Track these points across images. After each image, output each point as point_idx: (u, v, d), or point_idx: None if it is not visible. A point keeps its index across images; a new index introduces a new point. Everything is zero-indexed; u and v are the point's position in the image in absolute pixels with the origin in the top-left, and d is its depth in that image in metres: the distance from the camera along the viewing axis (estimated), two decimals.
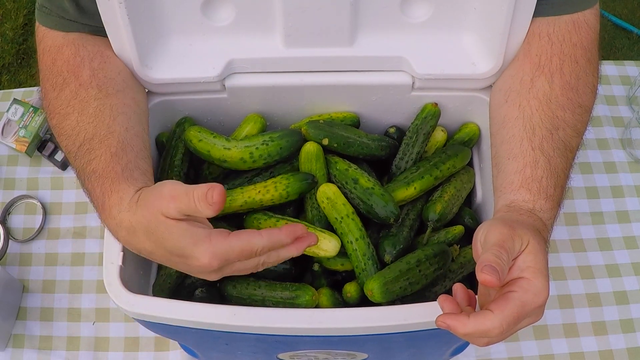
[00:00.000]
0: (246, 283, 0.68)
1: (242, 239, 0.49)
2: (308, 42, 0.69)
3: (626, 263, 0.95)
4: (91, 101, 0.62)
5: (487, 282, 0.46)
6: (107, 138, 0.60)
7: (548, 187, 0.59)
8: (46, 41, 0.66)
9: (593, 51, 0.66)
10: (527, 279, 0.49)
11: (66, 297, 0.92)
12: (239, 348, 0.70)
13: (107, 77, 0.64)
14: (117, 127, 0.61)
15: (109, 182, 0.57)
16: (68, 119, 0.62)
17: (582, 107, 0.64)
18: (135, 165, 0.59)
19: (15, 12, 2.00)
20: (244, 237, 0.49)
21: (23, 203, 1.00)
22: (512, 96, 0.65)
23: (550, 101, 0.63)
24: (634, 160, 1.03)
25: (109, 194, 0.56)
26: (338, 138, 0.74)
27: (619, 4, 2.09)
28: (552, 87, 0.63)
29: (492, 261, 0.47)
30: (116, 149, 0.59)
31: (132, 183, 0.57)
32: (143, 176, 0.58)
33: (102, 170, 0.58)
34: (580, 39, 0.64)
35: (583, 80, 0.64)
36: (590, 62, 0.65)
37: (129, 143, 0.60)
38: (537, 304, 0.49)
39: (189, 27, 0.70)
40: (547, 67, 0.64)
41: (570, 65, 0.64)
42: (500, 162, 0.63)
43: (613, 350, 0.88)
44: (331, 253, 0.66)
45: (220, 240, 0.49)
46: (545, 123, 0.62)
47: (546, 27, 0.65)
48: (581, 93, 0.64)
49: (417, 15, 0.69)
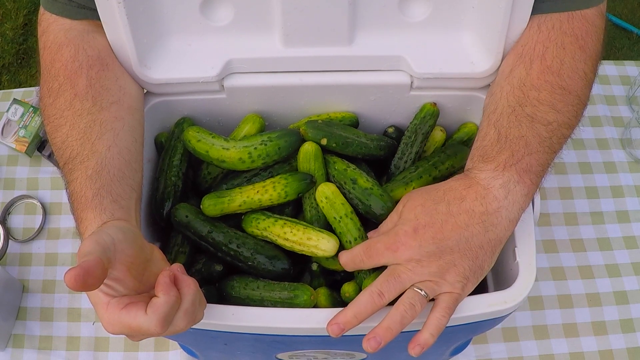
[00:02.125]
0: (244, 283, 0.68)
1: (130, 315, 0.48)
2: (307, 42, 0.70)
3: (626, 263, 0.94)
4: (84, 115, 0.62)
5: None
6: (87, 159, 0.59)
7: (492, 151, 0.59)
8: (47, 36, 0.66)
9: (587, 40, 0.63)
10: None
11: (66, 297, 0.92)
12: (237, 348, 0.70)
13: (103, 87, 0.64)
14: (101, 146, 0.60)
15: (80, 208, 0.57)
16: (60, 130, 0.62)
17: (565, 89, 0.61)
18: (107, 191, 0.58)
19: (15, 12, 2.01)
20: (132, 314, 0.48)
21: (23, 203, 1.00)
22: (492, 89, 0.65)
23: (524, 85, 0.62)
24: (634, 160, 1.03)
25: (80, 220, 0.57)
26: (337, 138, 0.74)
27: (619, 4, 2.09)
28: (528, 72, 0.62)
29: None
30: (92, 172, 0.58)
31: (99, 213, 0.56)
32: (113, 204, 0.57)
33: (76, 194, 0.58)
34: (571, 28, 0.63)
35: (568, 64, 0.62)
36: (583, 50, 0.63)
37: (108, 164, 0.59)
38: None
39: (188, 27, 0.70)
40: (528, 56, 0.63)
41: (555, 51, 0.62)
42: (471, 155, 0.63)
43: (613, 350, 0.88)
44: (330, 253, 0.66)
45: (114, 311, 0.48)
46: (511, 102, 0.61)
47: (537, 19, 0.64)
48: (565, 77, 0.61)
49: (415, 14, 0.69)
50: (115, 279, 0.49)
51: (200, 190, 0.78)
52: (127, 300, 0.49)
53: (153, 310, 0.48)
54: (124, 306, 0.48)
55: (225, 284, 0.69)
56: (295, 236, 0.67)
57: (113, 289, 0.49)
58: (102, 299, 0.49)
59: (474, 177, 0.59)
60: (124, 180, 0.60)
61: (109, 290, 0.49)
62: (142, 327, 0.48)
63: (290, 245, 0.67)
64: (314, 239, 0.66)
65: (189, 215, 0.70)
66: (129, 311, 0.48)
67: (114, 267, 0.48)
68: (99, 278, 0.45)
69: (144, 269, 0.53)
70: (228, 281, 0.69)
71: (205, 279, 0.71)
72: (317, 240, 0.66)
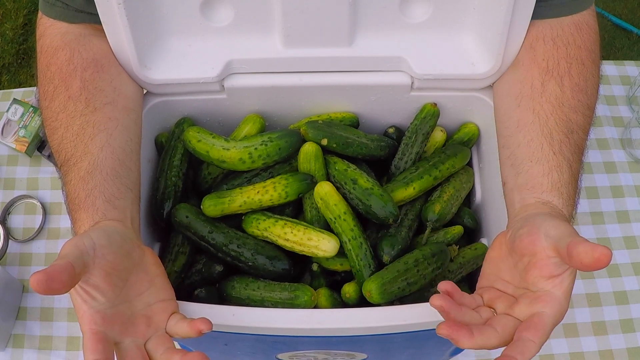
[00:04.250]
0: (245, 284, 0.68)
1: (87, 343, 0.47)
2: (307, 43, 0.69)
3: (626, 263, 0.94)
4: (77, 117, 0.62)
5: None
6: (80, 160, 0.59)
7: (573, 193, 0.59)
8: (44, 39, 0.66)
9: (596, 52, 0.66)
10: (558, 299, 0.48)
11: (66, 297, 0.92)
12: (238, 348, 0.70)
13: (97, 89, 0.64)
14: (93, 146, 0.60)
15: (75, 209, 0.57)
16: (56, 133, 0.62)
17: (590, 108, 0.64)
18: (100, 191, 0.58)
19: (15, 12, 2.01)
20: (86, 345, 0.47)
21: (23, 203, 1.00)
22: (524, 101, 0.65)
23: (563, 104, 0.63)
24: (634, 160, 1.03)
25: (74, 221, 0.57)
26: (337, 138, 0.74)
27: (619, 4, 2.09)
28: (563, 90, 0.63)
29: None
30: (85, 173, 0.58)
31: (92, 214, 0.56)
32: (106, 204, 0.57)
33: (71, 195, 0.58)
34: (584, 41, 0.65)
35: (590, 81, 0.64)
36: (595, 64, 0.66)
37: (100, 164, 0.59)
38: (554, 323, 0.48)
39: (188, 27, 0.70)
40: (556, 71, 0.64)
41: (578, 68, 0.64)
42: (520, 164, 0.62)
43: (613, 350, 0.88)
44: (330, 253, 0.66)
45: (85, 320, 0.48)
46: (561, 127, 0.62)
47: (550, 31, 0.65)
48: (589, 94, 0.64)
49: (416, 15, 0.69)
50: (93, 286, 0.48)
51: (200, 190, 0.78)
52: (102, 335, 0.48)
53: None
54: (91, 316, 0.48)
55: (226, 284, 0.69)
56: (296, 237, 0.67)
57: (91, 296, 0.49)
58: (80, 305, 0.49)
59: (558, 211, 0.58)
60: (119, 180, 0.60)
61: (87, 298, 0.49)
62: None
63: (290, 245, 0.67)
64: (315, 239, 0.66)
65: (190, 215, 0.70)
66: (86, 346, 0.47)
67: (91, 272, 0.48)
68: (65, 283, 0.45)
69: (128, 275, 0.52)
70: (228, 281, 0.69)
71: (205, 279, 0.71)
72: (318, 240, 0.66)
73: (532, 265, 0.50)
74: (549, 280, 0.49)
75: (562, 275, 0.48)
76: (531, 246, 0.50)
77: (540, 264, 0.49)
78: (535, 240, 0.50)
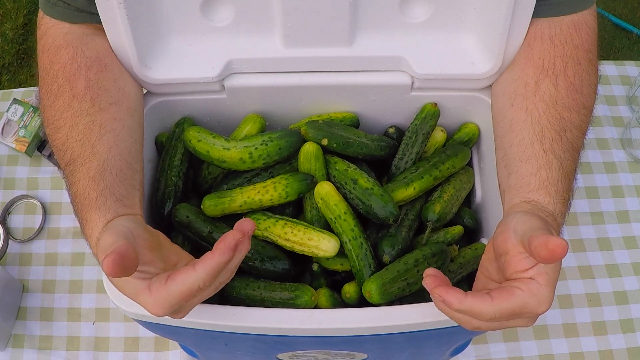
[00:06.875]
0: (245, 284, 0.68)
1: (178, 281, 0.48)
2: (307, 42, 0.69)
3: (626, 263, 0.95)
4: (83, 116, 0.62)
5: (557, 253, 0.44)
6: (89, 160, 0.59)
7: (563, 190, 0.59)
8: (46, 39, 0.66)
9: (594, 52, 0.66)
10: (538, 284, 0.48)
11: (66, 297, 0.92)
12: (238, 348, 0.70)
13: (101, 89, 0.64)
14: (101, 147, 0.60)
15: (85, 210, 0.57)
16: (59, 132, 0.62)
17: (586, 107, 0.64)
18: (111, 191, 0.58)
19: (15, 12, 2.01)
20: (180, 278, 0.48)
21: (23, 203, 1.00)
22: (518, 100, 0.65)
23: (557, 103, 0.63)
24: (634, 160, 1.03)
25: (85, 222, 0.57)
26: (337, 138, 0.74)
27: (619, 4, 2.09)
28: (557, 89, 0.63)
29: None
30: (94, 173, 0.59)
31: (104, 213, 0.56)
32: (116, 203, 0.57)
33: (80, 195, 0.58)
34: (581, 41, 0.65)
35: (586, 81, 0.64)
36: (592, 63, 0.65)
37: (109, 165, 0.60)
38: (536, 311, 0.48)
39: (188, 27, 0.70)
40: (551, 70, 0.64)
41: (574, 67, 0.64)
42: (512, 164, 0.63)
43: (613, 350, 0.88)
44: (330, 253, 0.66)
45: (159, 288, 0.49)
46: (554, 125, 0.62)
47: (548, 30, 0.65)
48: (585, 94, 0.64)
49: (416, 15, 0.69)
50: (144, 263, 0.50)
51: (200, 190, 0.78)
52: (167, 274, 0.49)
53: (203, 266, 0.48)
54: (168, 278, 0.49)
55: (226, 284, 0.69)
56: (296, 236, 0.67)
57: (146, 272, 0.50)
58: (140, 285, 0.49)
59: (559, 222, 0.58)
60: (126, 181, 0.60)
61: (144, 275, 0.50)
62: (193, 286, 0.48)
63: (290, 245, 0.67)
64: (315, 239, 0.66)
65: (190, 215, 0.70)
66: (176, 278, 0.48)
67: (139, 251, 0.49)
68: (135, 260, 0.46)
69: (161, 249, 0.55)
70: (228, 282, 0.69)
71: None
72: (318, 240, 0.66)
73: (507, 263, 0.51)
74: (525, 273, 0.49)
75: (538, 266, 0.49)
76: (504, 244, 0.51)
77: (513, 260, 0.50)
78: (506, 238, 0.51)
